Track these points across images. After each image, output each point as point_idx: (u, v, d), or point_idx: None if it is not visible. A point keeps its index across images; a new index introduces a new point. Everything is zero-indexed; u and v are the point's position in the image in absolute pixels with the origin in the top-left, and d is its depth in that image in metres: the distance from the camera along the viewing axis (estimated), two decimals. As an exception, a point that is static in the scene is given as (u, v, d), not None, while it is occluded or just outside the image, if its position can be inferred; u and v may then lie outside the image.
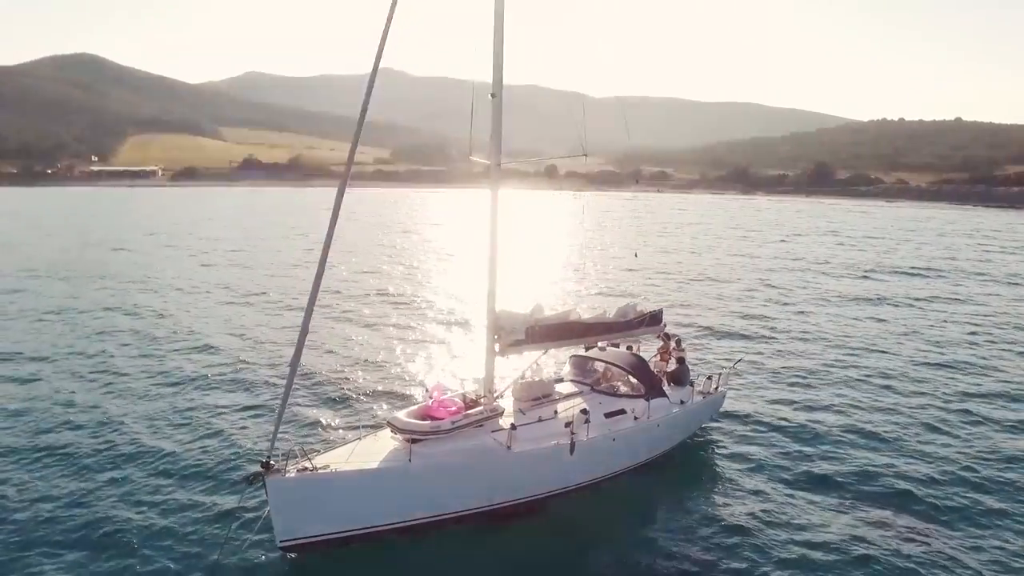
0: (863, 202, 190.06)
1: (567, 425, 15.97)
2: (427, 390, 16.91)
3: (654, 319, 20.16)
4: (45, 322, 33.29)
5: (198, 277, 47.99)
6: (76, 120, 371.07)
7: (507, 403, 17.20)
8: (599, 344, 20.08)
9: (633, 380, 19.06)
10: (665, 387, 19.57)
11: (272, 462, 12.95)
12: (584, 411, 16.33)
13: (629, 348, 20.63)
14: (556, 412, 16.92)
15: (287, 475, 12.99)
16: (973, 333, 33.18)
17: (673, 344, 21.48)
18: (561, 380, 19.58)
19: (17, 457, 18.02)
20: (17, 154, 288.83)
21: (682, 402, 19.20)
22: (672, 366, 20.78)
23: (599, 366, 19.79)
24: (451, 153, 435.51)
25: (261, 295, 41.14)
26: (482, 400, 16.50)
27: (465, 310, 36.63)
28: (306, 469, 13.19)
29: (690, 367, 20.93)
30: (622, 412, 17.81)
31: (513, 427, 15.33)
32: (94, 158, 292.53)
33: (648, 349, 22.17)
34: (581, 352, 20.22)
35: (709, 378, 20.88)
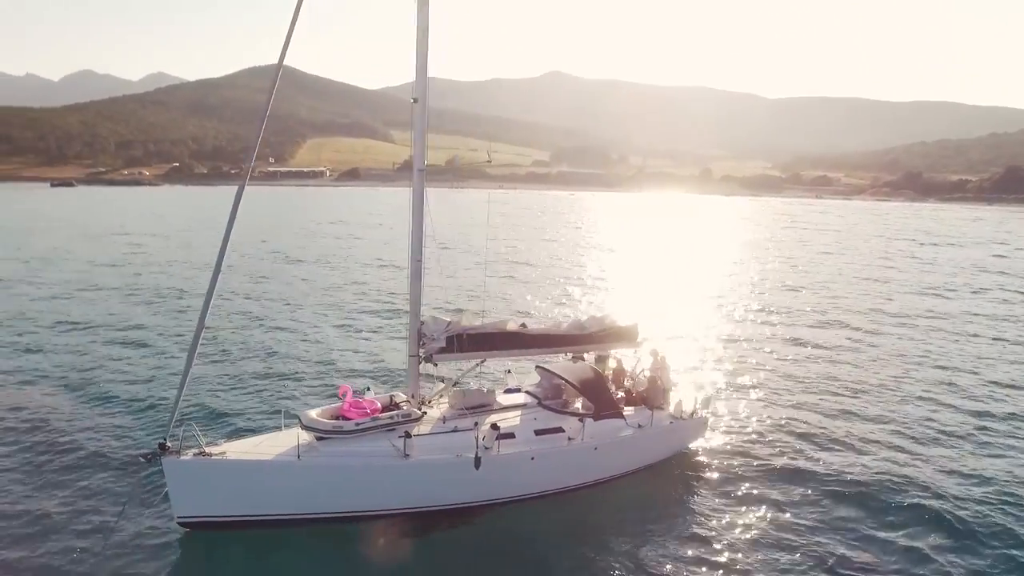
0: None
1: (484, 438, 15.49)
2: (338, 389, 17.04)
3: (622, 334, 19.08)
4: None
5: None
6: (265, 125, 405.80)
7: (441, 410, 16.97)
8: (583, 355, 19.36)
9: (582, 398, 17.82)
10: (630, 409, 18.23)
11: (168, 443, 13.72)
12: (495, 426, 15.57)
13: (617, 361, 19.69)
14: (477, 423, 16.17)
15: (182, 457, 13.80)
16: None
17: (652, 362, 19.59)
18: (517, 391, 18.81)
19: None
20: (211, 156, 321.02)
21: (640, 426, 17.72)
22: (642, 385, 19.22)
23: (555, 380, 18.53)
24: (610, 156, 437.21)
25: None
26: (403, 404, 16.47)
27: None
28: (202, 453, 13.95)
29: (665, 388, 19.01)
30: (558, 431, 16.71)
31: (407, 435, 14.91)
32: (271, 160, 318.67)
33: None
34: (545, 363, 19.45)
35: (680, 401, 18.96)
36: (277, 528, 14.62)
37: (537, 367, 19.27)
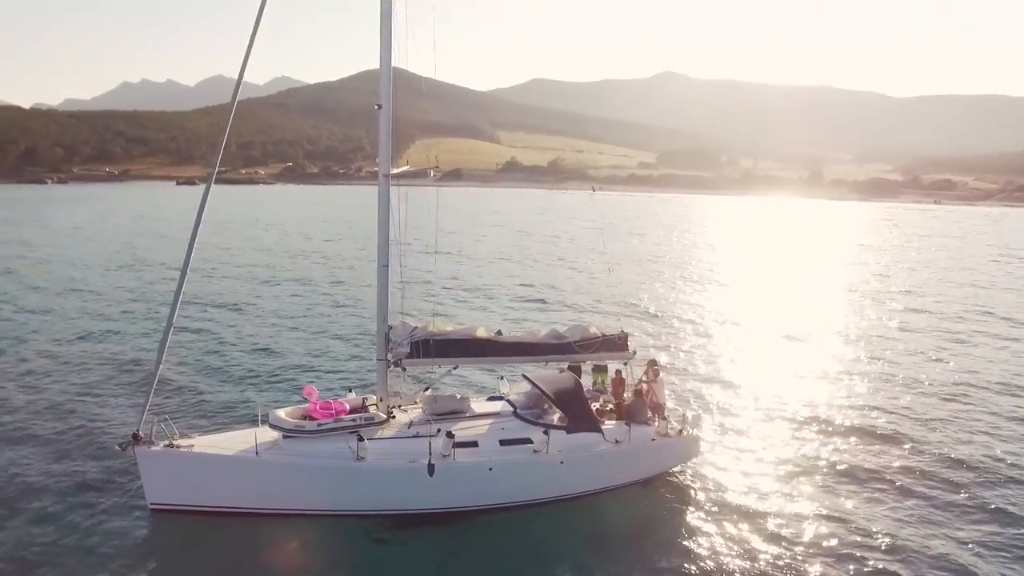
0: None
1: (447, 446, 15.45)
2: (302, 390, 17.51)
3: (610, 345, 18.34)
4: None
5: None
6: (375, 126, 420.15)
7: (412, 416, 17.05)
8: (580, 366, 18.88)
9: (556, 409, 17.25)
10: (610, 423, 17.48)
11: (141, 434, 14.71)
12: (450, 433, 15.50)
13: (619, 372, 18.89)
14: (440, 430, 15.96)
15: (152, 448, 14.74)
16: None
17: (642, 375, 18.78)
18: (500, 399, 18.52)
19: None
20: (323, 156, 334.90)
21: (617, 441, 16.89)
22: (628, 399, 18.29)
23: (535, 390, 17.98)
24: (719, 158, 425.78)
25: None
26: (371, 407, 16.85)
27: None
28: (171, 445, 14.86)
29: (660, 403, 18.04)
30: (525, 442, 16.31)
31: (360, 439, 15.17)
32: (377, 161, 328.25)
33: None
34: (529, 371, 18.77)
35: (664, 418, 17.89)
36: (242, 520, 15.11)
37: (523, 375, 18.70)
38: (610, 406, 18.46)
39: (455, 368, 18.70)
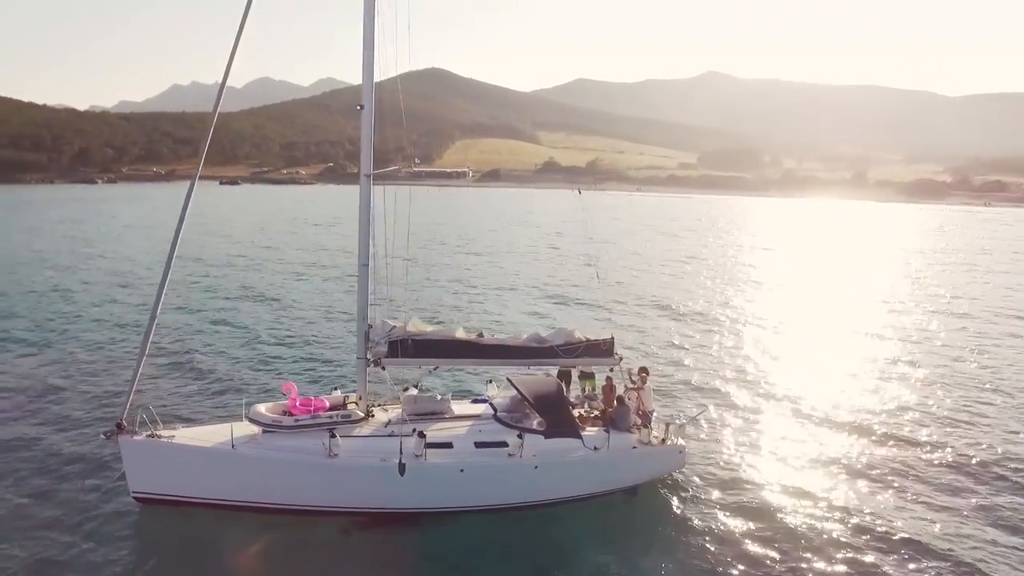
0: None
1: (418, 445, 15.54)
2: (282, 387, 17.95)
3: (594, 349, 17.91)
4: None
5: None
6: (416, 127, 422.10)
7: (391, 415, 17.25)
8: (571, 370, 18.72)
9: (535, 413, 17.00)
10: (592, 429, 17.25)
11: (124, 423, 15.26)
12: (421, 433, 15.56)
13: (610, 379, 18.57)
14: (415, 430, 16.01)
15: (135, 437, 15.28)
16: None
17: (629, 382, 18.49)
18: (484, 401, 18.57)
19: None
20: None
21: (596, 448, 16.62)
22: (613, 405, 17.93)
23: (516, 393, 17.77)
24: (761, 158, 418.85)
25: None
26: (350, 405, 17.16)
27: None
28: (153, 435, 15.38)
29: (646, 411, 17.73)
30: (501, 445, 16.15)
31: (332, 435, 15.42)
32: (417, 160, 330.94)
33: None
34: (513, 374, 18.64)
35: (645, 426, 17.40)
36: (218, 512, 15.40)
37: (507, 378, 18.54)
38: (596, 413, 18.18)
39: (435, 369, 18.54)
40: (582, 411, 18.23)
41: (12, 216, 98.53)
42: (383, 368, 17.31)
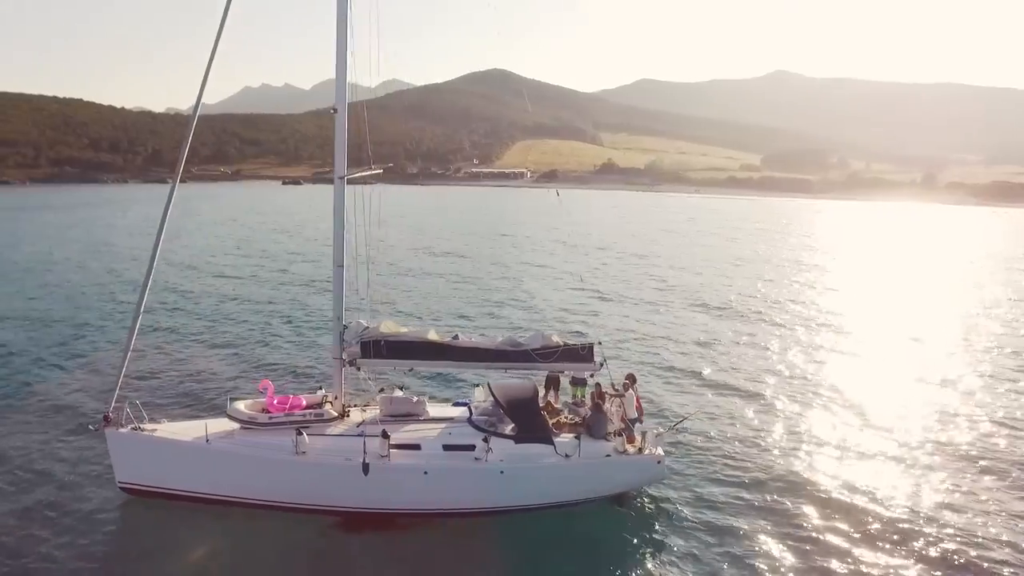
0: None
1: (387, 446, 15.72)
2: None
3: (571, 354, 17.55)
4: None
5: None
6: (478, 127, 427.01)
7: (367, 415, 17.47)
8: (559, 375, 18.39)
9: (506, 418, 16.89)
10: (566, 436, 16.90)
11: (111, 416, 16.08)
12: (385, 434, 15.75)
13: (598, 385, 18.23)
14: (384, 431, 16.02)
15: (120, 429, 16.05)
16: None
17: (612, 389, 18.13)
18: (464, 404, 18.59)
19: None
20: (424, 156, 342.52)
21: (567, 456, 16.28)
22: (588, 412, 17.60)
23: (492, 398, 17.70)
24: (829, 160, 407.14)
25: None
26: (325, 405, 17.50)
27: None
28: (137, 428, 16.15)
29: (628, 420, 17.22)
30: (469, 448, 15.99)
31: (299, 433, 15.77)
32: (475, 161, 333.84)
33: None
34: (493, 378, 18.64)
35: (619, 434, 16.95)
36: (201, 504, 15.96)
37: (487, 383, 18.54)
38: (577, 419, 17.76)
39: (410, 370, 18.47)
40: (562, 417, 17.90)
41: (95, 214, 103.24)
42: (358, 368, 17.44)
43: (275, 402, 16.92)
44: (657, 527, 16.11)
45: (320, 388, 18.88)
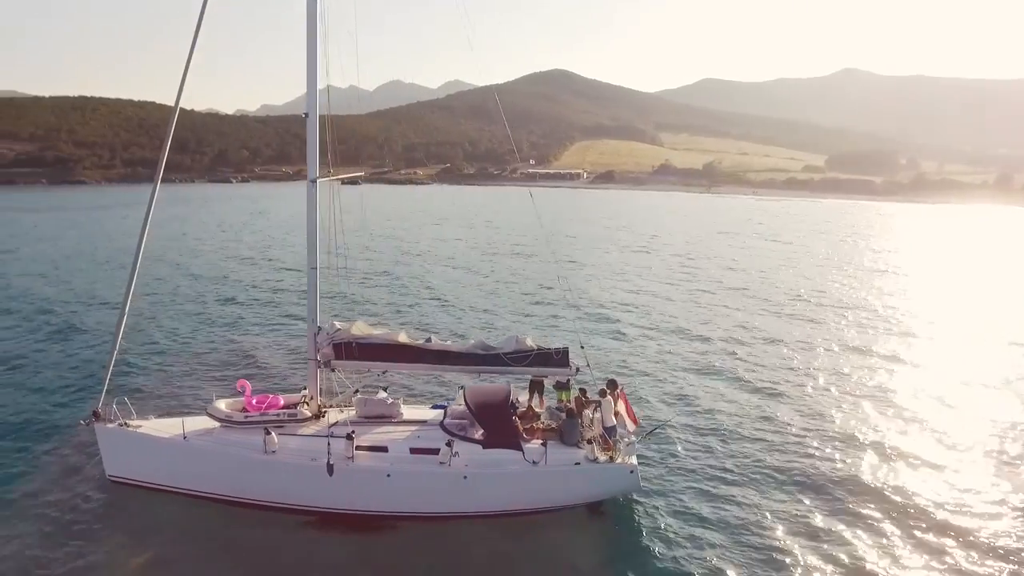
0: None
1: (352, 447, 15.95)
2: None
3: (544, 358, 17.47)
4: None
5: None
6: (536, 128, 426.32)
7: (341, 416, 17.83)
8: (543, 379, 18.45)
9: (475, 423, 16.95)
10: (536, 442, 16.84)
11: (100, 411, 17.04)
12: (349, 436, 15.96)
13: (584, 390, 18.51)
14: (351, 432, 16.13)
15: (108, 425, 16.96)
16: None
17: (577, 395, 18.22)
18: (442, 407, 18.65)
19: None
20: (482, 157, 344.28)
21: (534, 462, 16.16)
22: (562, 418, 17.58)
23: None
24: (898, 161, 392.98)
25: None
26: (299, 406, 18.00)
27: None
28: (124, 424, 17.06)
29: (607, 427, 17.08)
30: (434, 452, 16.12)
31: (267, 431, 16.18)
32: (531, 161, 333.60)
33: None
34: (467, 382, 18.96)
35: (589, 442, 16.80)
36: (183, 498, 16.69)
37: (461, 387, 18.74)
38: (553, 425, 17.60)
39: (383, 372, 18.62)
40: (538, 423, 17.75)
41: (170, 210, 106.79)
42: (332, 370, 17.77)
43: (254, 401, 17.39)
44: (632, 538, 15.95)
45: (304, 389, 19.12)
